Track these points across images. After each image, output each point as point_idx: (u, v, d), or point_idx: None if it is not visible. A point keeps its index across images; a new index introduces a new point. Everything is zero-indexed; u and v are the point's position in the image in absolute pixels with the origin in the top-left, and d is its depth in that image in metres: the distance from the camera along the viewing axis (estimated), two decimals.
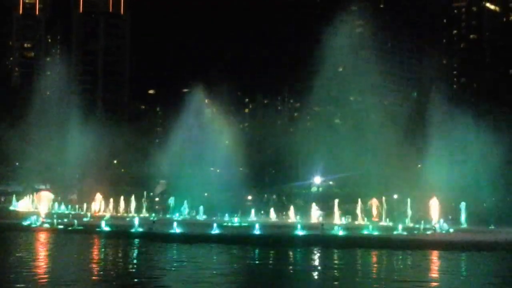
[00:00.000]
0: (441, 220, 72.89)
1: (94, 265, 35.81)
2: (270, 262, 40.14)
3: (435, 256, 44.14)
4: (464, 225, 76.14)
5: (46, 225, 65.17)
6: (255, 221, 77.75)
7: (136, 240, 51.96)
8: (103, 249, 47.16)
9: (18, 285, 27.49)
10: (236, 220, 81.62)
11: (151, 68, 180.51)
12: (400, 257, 43.20)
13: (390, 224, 76.81)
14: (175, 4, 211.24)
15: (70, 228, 61.85)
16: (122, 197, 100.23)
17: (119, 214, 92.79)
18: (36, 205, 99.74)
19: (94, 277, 31.24)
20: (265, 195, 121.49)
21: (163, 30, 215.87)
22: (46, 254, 42.08)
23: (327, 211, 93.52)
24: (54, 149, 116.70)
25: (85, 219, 74.39)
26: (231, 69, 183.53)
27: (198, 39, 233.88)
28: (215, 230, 58.56)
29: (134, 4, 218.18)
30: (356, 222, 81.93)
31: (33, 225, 65.14)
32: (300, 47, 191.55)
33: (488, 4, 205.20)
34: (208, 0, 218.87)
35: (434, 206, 78.70)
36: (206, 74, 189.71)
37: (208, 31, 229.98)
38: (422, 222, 70.93)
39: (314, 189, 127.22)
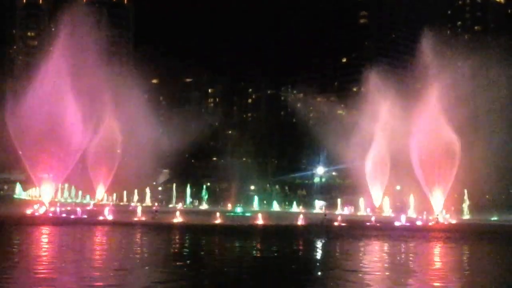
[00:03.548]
0: (443, 211, 73.16)
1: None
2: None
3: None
4: (467, 216, 76.19)
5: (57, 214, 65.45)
6: (257, 210, 77.93)
7: (140, 229, 51.67)
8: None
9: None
10: (239, 210, 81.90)
11: (154, 58, 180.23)
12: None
13: (393, 215, 77.01)
14: None
15: (73, 217, 61.92)
16: (125, 186, 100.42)
17: (122, 203, 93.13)
18: (40, 193, 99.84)
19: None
20: (268, 185, 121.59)
21: (166, 19, 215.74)
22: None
23: (330, 201, 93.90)
24: (58, 139, 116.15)
25: (88, 208, 74.67)
26: (234, 60, 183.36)
27: (201, 29, 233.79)
28: (218, 220, 58.73)
29: None
30: (359, 213, 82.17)
31: (37, 214, 65.43)
32: (302, 37, 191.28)
33: None
34: None
35: (437, 197, 78.71)
36: (209, 64, 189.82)
37: (211, 22, 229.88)
38: (425, 213, 71.15)
39: (316, 179, 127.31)
